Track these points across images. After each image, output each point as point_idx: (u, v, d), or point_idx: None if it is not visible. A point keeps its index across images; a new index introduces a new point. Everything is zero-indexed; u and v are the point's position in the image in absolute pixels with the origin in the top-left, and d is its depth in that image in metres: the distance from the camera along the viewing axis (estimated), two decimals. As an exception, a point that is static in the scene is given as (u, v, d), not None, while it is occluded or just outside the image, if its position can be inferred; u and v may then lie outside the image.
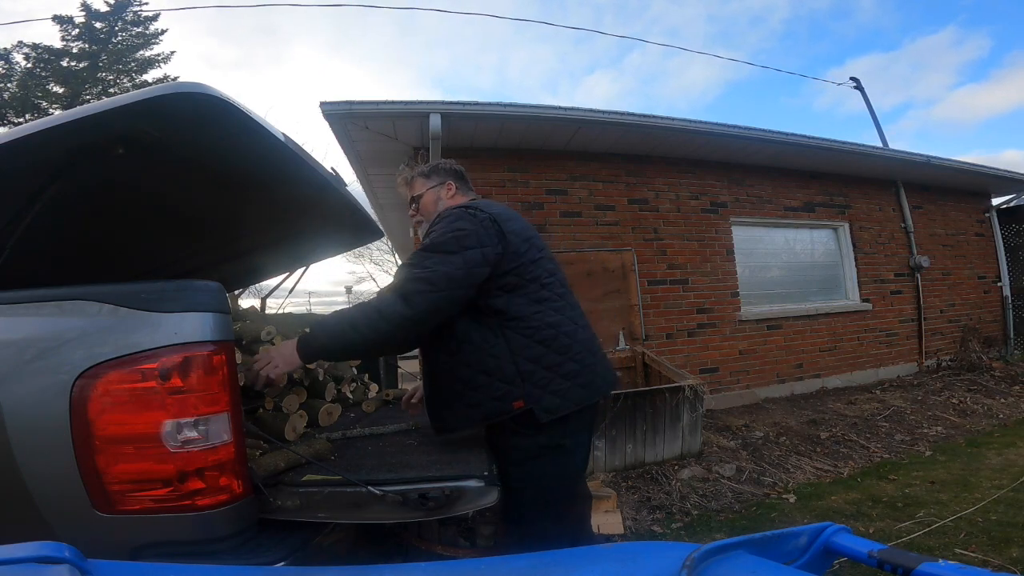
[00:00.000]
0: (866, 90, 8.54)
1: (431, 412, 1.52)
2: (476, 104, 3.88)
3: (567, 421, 1.37)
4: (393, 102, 3.75)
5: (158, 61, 14.68)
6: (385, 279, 20.42)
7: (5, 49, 13.01)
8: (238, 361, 1.31)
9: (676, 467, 3.15)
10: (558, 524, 1.39)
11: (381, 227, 2.99)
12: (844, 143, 5.19)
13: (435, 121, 3.72)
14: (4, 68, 13.18)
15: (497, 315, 1.37)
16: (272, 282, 2.88)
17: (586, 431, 1.48)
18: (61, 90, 13.36)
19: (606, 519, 2.41)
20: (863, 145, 5.41)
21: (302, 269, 2.76)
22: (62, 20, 13.30)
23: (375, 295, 1.33)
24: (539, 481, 1.37)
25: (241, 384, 1.37)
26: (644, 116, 4.28)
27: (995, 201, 7.34)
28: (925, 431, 3.90)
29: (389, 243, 13.49)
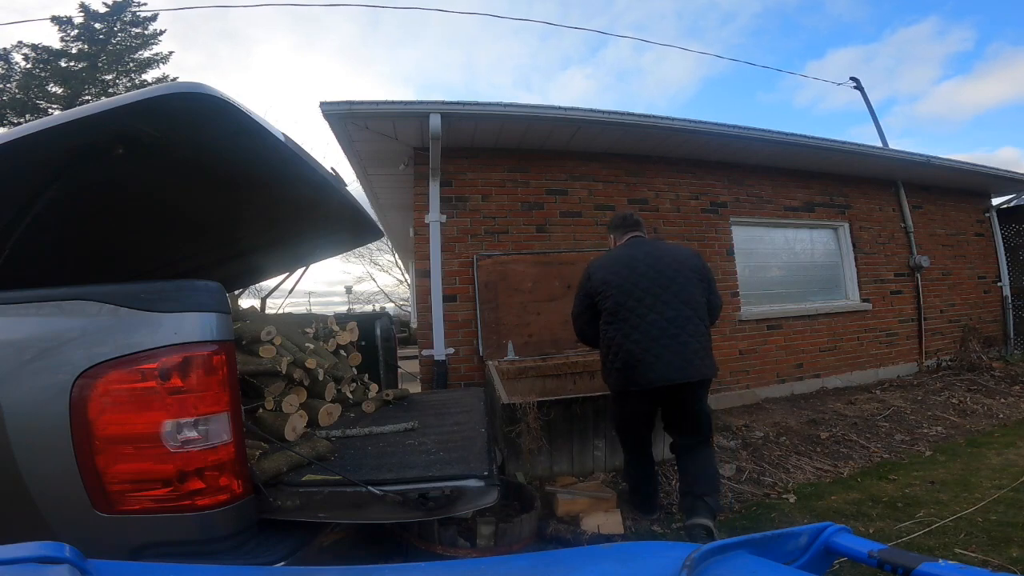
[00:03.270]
0: (857, 88, 8.51)
1: None
2: (476, 104, 3.88)
3: (623, 394, 2.32)
4: (393, 102, 3.75)
5: (157, 61, 14.69)
6: (384, 279, 20.46)
7: (4, 49, 13.02)
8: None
9: (675, 467, 3.14)
10: (626, 432, 2.50)
11: (381, 227, 2.99)
12: (844, 143, 5.19)
13: (435, 121, 3.72)
14: (3, 68, 13.18)
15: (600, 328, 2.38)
16: (272, 282, 2.88)
17: (638, 402, 2.33)
18: (60, 90, 13.36)
19: (606, 519, 2.41)
20: (863, 145, 5.41)
21: (302, 269, 2.76)
22: (61, 21, 13.31)
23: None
24: (616, 411, 2.48)
25: None
26: (644, 116, 4.27)
27: (995, 201, 7.33)
28: (925, 431, 3.90)
29: (389, 243, 13.48)
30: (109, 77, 14.02)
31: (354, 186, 5.09)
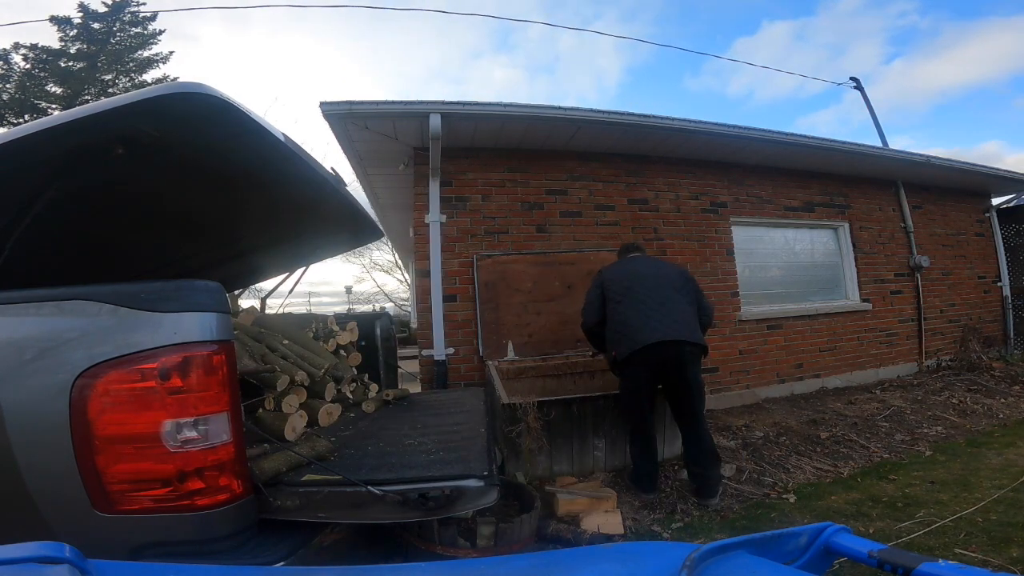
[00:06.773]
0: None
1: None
2: (476, 104, 3.88)
3: (628, 362, 2.76)
4: (393, 102, 3.75)
5: (157, 61, 14.68)
6: (384, 279, 20.49)
7: (4, 50, 13.00)
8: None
9: (676, 467, 3.14)
10: (630, 407, 2.85)
11: (381, 227, 2.99)
12: (844, 143, 5.19)
13: (435, 121, 3.72)
14: (3, 69, 13.17)
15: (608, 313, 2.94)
16: (272, 282, 2.88)
17: (640, 367, 2.75)
18: (60, 90, 13.34)
19: (606, 519, 2.41)
20: (863, 145, 5.41)
21: (302, 269, 2.76)
22: (60, 21, 13.29)
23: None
24: (622, 386, 2.90)
25: None
26: (644, 116, 4.28)
27: (995, 201, 7.32)
28: (925, 431, 3.90)
29: (389, 243, 13.48)
30: (109, 77, 14.00)
31: (354, 186, 5.09)
